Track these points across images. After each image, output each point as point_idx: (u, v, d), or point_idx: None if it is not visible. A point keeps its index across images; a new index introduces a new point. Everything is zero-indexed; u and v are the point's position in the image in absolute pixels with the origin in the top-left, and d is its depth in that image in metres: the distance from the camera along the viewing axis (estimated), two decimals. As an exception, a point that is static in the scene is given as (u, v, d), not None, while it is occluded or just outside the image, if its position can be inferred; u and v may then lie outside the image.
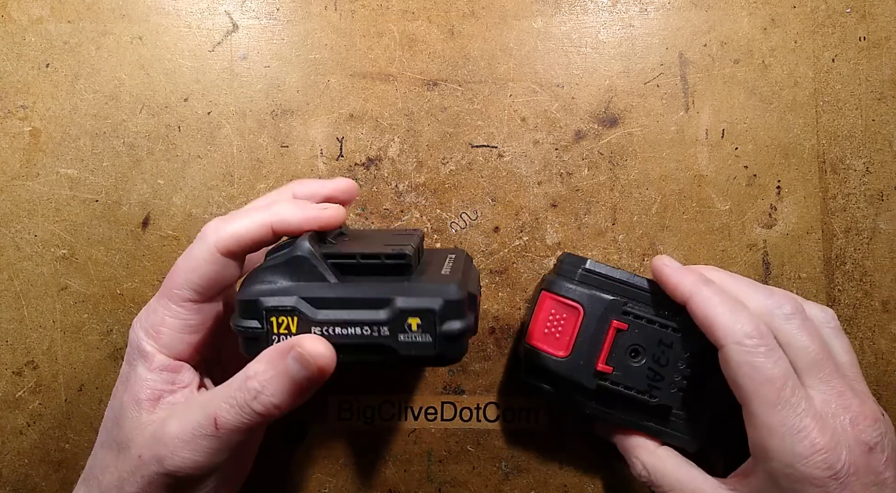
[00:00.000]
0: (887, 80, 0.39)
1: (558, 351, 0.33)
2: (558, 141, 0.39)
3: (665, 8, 0.39)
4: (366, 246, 0.28)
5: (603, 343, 0.33)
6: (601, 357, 0.33)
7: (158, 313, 0.29)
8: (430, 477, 0.38)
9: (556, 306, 0.34)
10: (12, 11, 0.39)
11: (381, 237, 0.31)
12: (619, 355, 0.33)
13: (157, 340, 0.29)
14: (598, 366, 0.33)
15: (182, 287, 0.28)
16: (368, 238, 0.30)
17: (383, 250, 0.27)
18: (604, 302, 0.33)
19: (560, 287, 0.34)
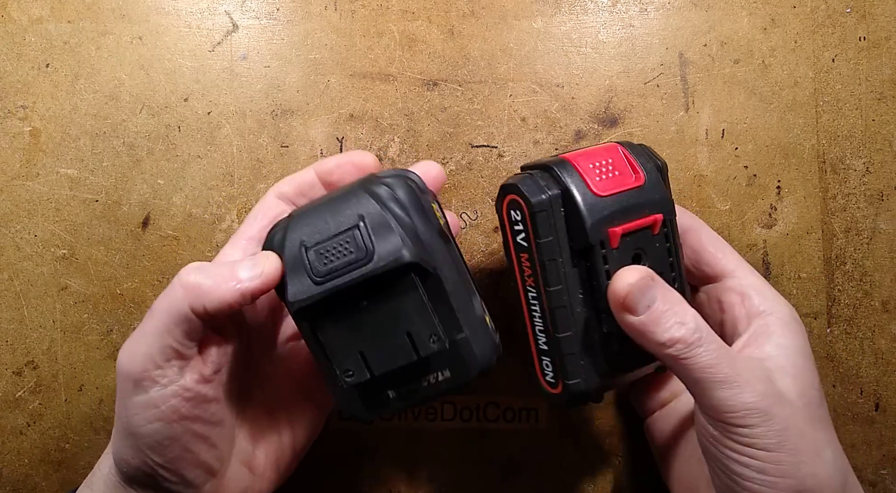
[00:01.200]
0: (887, 81, 0.39)
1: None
2: (558, 141, 0.39)
3: (665, 8, 0.39)
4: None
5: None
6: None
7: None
8: (431, 477, 0.38)
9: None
10: (12, 11, 0.39)
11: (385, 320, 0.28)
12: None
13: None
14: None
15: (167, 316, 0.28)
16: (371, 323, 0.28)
17: (339, 360, 0.28)
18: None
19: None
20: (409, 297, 0.27)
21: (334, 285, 0.27)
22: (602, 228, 0.28)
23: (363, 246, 0.27)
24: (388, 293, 0.27)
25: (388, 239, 0.27)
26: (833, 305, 0.39)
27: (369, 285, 0.27)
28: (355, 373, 0.28)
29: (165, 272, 0.38)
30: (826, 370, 0.39)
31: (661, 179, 0.30)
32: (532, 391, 0.39)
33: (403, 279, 0.27)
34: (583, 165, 0.29)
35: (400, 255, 0.27)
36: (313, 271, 0.27)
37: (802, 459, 0.26)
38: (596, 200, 0.29)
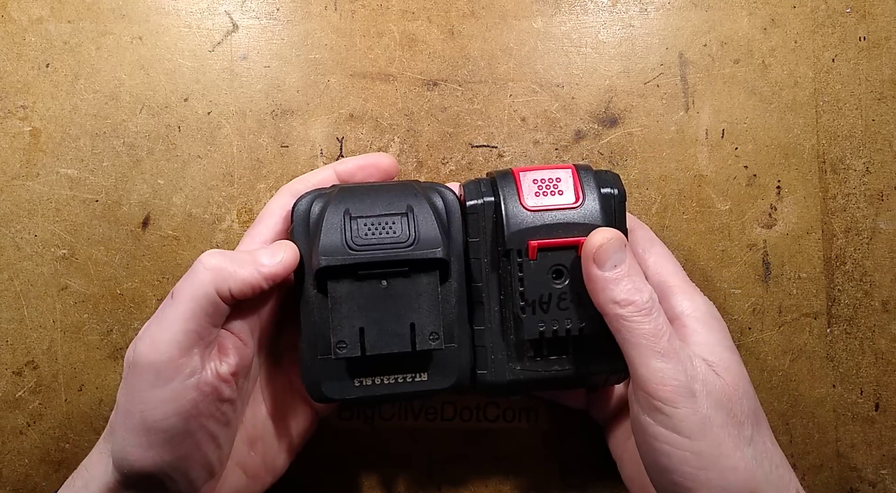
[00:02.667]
0: (887, 80, 0.39)
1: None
2: (558, 141, 0.39)
3: (665, 8, 0.39)
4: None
5: None
6: None
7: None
8: (430, 477, 0.38)
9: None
10: (12, 11, 0.39)
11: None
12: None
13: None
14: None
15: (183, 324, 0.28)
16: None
17: (340, 338, 0.29)
18: None
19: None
20: (426, 291, 0.29)
21: (370, 255, 0.29)
22: (522, 238, 0.30)
23: (407, 231, 0.29)
24: (410, 282, 0.29)
25: (429, 233, 0.29)
26: (833, 305, 0.39)
27: (397, 268, 0.29)
28: (349, 347, 0.29)
29: (165, 272, 0.38)
30: (826, 370, 0.39)
31: (606, 206, 0.31)
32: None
33: (428, 273, 0.29)
34: (525, 179, 0.31)
35: (438, 248, 0.29)
36: (352, 239, 0.29)
37: (723, 452, 0.27)
38: (522, 211, 0.31)
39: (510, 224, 0.30)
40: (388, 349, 0.29)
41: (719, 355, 0.29)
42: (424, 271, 0.29)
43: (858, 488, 0.39)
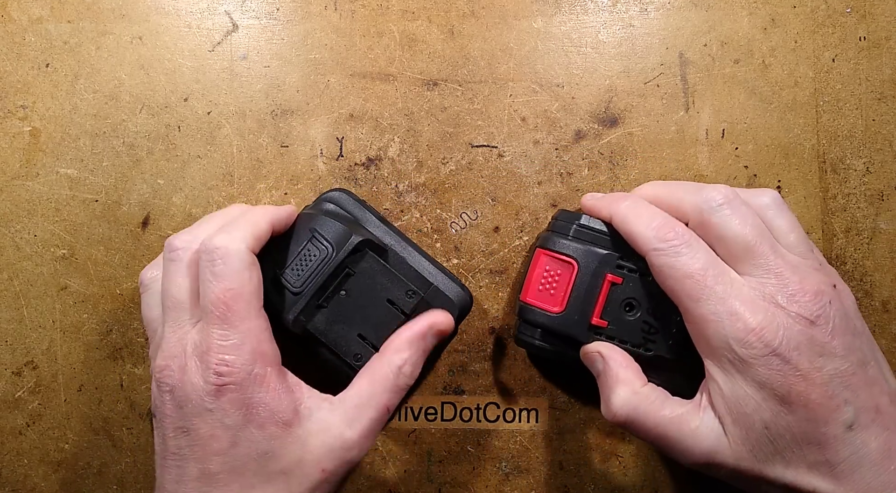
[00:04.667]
0: (887, 80, 0.39)
1: (553, 307, 0.34)
2: (558, 141, 0.39)
3: (665, 8, 0.39)
4: (343, 327, 0.33)
5: (597, 298, 0.33)
6: (596, 312, 0.33)
7: (252, 336, 0.28)
8: (430, 477, 0.38)
9: (550, 262, 0.34)
10: (12, 11, 0.39)
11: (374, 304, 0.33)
12: (614, 309, 0.33)
13: (264, 361, 0.29)
14: (593, 321, 0.33)
15: (252, 299, 0.29)
16: (361, 305, 0.33)
17: (345, 354, 0.33)
18: (598, 257, 0.33)
19: (554, 243, 0.34)
20: (375, 271, 0.33)
21: (314, 284, 0.31)
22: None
23: (323, 247, 0.32)
24: (358, 277, 0.32)
25: (338, 233, 0.32)
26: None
27: (340, 276, 0.32)
28: (362, 354, 0.32)
29: (165, 272, 0.38)
30: (826, 370, 0.39)
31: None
32: (532, 391, 0.39)
33: (365, 258, 0.33)
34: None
35: (351, 238, 0.32)
36: (293, 286, 0.32)
37: None
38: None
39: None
40: (389, 331, 0.32)
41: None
42: (360, 261, 0.32)
43: (859, 488, 0.39)
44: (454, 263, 0.39)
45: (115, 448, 0.38)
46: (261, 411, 0.28)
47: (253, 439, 0.28)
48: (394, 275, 0.33)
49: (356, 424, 0.30)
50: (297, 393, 0.30)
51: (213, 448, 0.28)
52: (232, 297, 0.28)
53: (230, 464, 0.28)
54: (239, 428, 0.28)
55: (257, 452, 0.28)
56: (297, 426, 0.29)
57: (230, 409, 0.28)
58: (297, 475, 0.28)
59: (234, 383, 0.28)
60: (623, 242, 0.34)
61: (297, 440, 0.29)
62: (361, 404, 0.30)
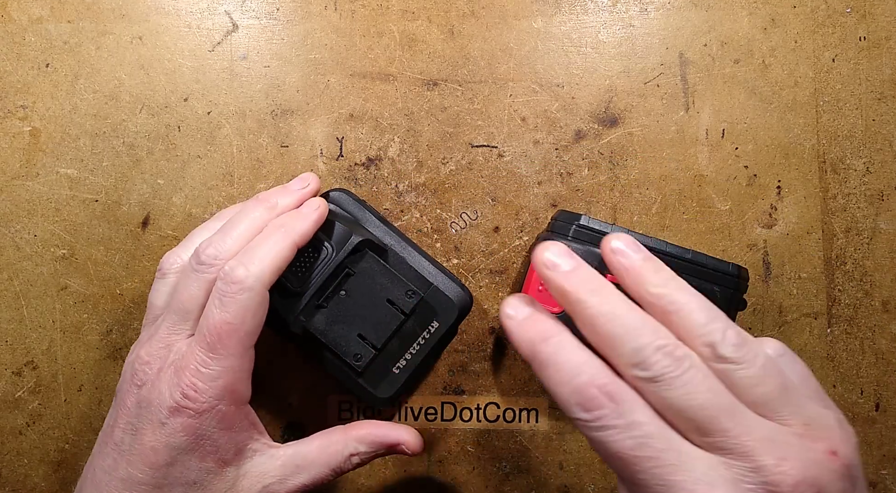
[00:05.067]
0: (887, 80, 0.39)
1: (552, 307, 0.34)
2: (558, 141, 0.39)
3: (665, 8, 0.39)
4: (343, 327, 0.33)
5: None
6: None
7: (230, 373, 0.28)
8: (431, 477, 0.38)
9: None
10: (12, 11, 0.39)
11: (373, 303, 0.33)
12: None
13: (234, 400, 0.29)
14: None
15: (248, 338, 0.29)
16: (361, 305, 0.33)
17: (345, 354, 0.33)
18: (597, 257, 0.33)
19: None
20: (374, 271, 0.33)
21: (314, 284, 0.32)
22: None
23: (323, 247, 0.32)
24: (358, 277, 0.32)
25: (338, 233, 0.32)
26: (833, 305, 0.39)
27: (340, 276, 0.32)
28: (362, 354, 0.32)
29: (165, 272, 0.38)
30: (826, 370, 0.39)
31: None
32: (532, 391, 0.39)
33: (364, 259, 0.33)
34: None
35: (351, 238, 0.32)
36: (293, 287, 0.32)
37: None
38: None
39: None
40: (389, 330, 0.32)
41: None
42: (360, 261, 0.33)
43: (859, 488, 0.39)
44: (454, 263, 0.39)
45: (115, 448, 0.38)
46: (207, 444, 0.28)
47: (189, 466, 0.28)
48: (393, 275, 0.33)
49: (288, 482, 0.30)
50: (247, 434, 0.30)
51: (149, 460, 0.28)
52: (227, 331, 0.28)
53: (159, 481, 0.28)
54: (180, 452, 0.28)
55: (188, 479, 0.28)
56: (234, 466, 0.30)
57: (180, 432, 0.28)
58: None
59: (194, 411, 0.28)
60: None
61: (228, 479, 0.29)
62: (300, 467, 0.31)
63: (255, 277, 0.28)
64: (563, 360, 0.24)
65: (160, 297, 0.32)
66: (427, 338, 0.33)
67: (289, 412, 0.38)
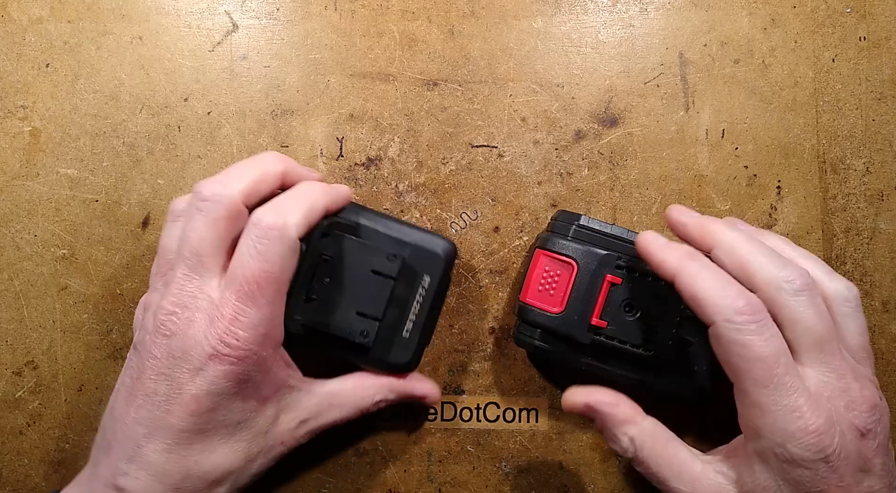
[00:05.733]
0: (887, 80, 0.39)
1: (552, 307, 0.34)
2: (558, 141, 0.39)
3: (665, 8, 0.39)
4: (339, 311, 0.32)
5: (597, 298, 0.33)
6: (595, 312, 0.33)
7: (267, 321, 0.29)
8: (430, 477, 0.38)
9: (549, 262, 0.34)
10: (12, 11, 0.39)
11: (363, 270, 0.33)
12: (613, 310, 0.33)
13: (271, 344, 0.30)
14: (593, 321, 0.33)
15: (282, 285, 0.29)
16: (349, 284, 0.33)
17: (350, 334, 0.32)
18: (597, 257, 0.33)
19: (554, 244, 0.34)
20: (350, 249, 0.32)
21: (296, 282, 0.31)
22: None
23: None
24: (336, 260, 0.32)
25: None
26: (833, 305, 0.39)
27: (319, 265, 0.32)
28: (367, 329, 0.32)
29: (165, 272, 0.38)
30: (826, 370, 0.39)
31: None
32: (532, 391, 0.39)
33: (337, 241, 0.32)
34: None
35: (319, 225, 0.31)
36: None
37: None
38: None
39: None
40: (385, 298, 0.32)
41: None
42: (334, 244, 0.32)
43: (858, 488, 0.39)
44: (454, 263, 0.39)
45: (115, 448, 0.38)
46: (249, 387, 0.29)
47: (233, 409, 0.29)
48: (369, 246, 0.32)
49: (321, 418, 0.32)
50: (285, 372, 0.31)
51: (190, 408, 0.28)
52: (266, 279, 0.28)
53: (201, 426, 0.28)
54: (223, 397, 0.28)
55: (231, 420, 0.29)
56: (273, 402, 0.31)
57: (221, 379, 0.28)
58: (259, 445, 0.31)
59: (235, 358, 0.28)
60: (622, 243, 0.34)
61: (269, 415, 0.31)
62: (333, 405, 0.33)
63: (292, 225, 0.28)
64: (715, 271, 0.28)
65: (173, 239, 0.31)
66: (424, 294, 0.33)
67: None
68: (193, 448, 0.28)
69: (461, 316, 0.38)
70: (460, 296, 0.39)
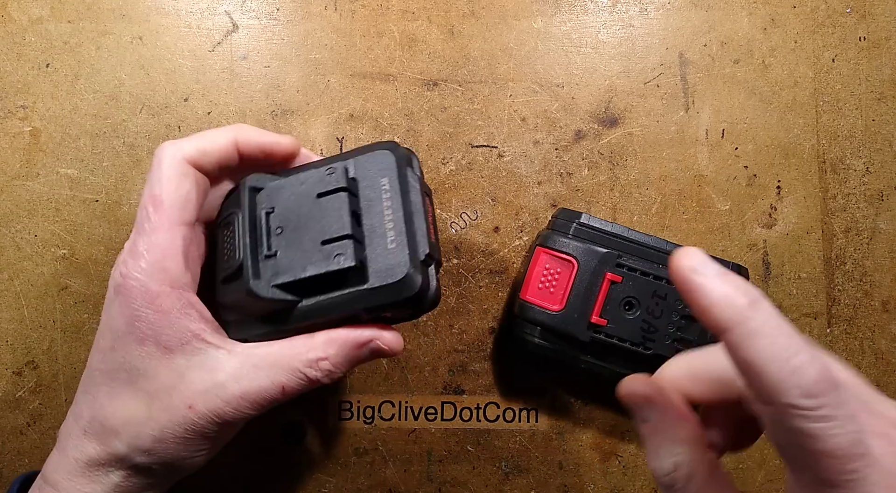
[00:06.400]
0: (887, 80, 0.39)
1: (552, 305, 0.34)
2: (558, 141, 0.39)
3: (665, 8, 0.39)
4: (306, 252, 0.27)
5: (597, 296, 0.33)
6: (595, 310, 0.33)
7: (154, 249, 0.27)
8: (430, 477, 0.38)
9: (550, 260, 0.34)
10: (12, 11, 0.39)
11: (315, 214, 0.28)
12: (613, 308, 0.33)
13: (164, 279, 0.27)
14: (593, 319, 0.33)
15: (171, 210, 0.28)
16: (303, 223, 0.28)
17: (327, 264, 0.27)
18: (598, 255, 0.33)
19: (554, 242, 0.34)
20: (283, 188, 0.29)
21: (247, 246, 0.28)
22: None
23: (230, 219, 0.29)
24: (276, 208, 0.28)
25: (231, 199, 0.30)
26: (833, 305, 0.39)
27: (261, 221, 0.28)
28: (341, 250, 0.27)
29: (165, 272, 0.38)
30: (826, 370, 0.39)
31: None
32: (532, 391, 0.39)
33: (268, 190, 0.29)
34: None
35: (240, 186, 0.29)
36: (233, 267, 0.28)
37: None
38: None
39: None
40: (345, 213, 0.27)
41: None
42: (267, 196, 0.29)
43: (858, 488, 0.39)
44: (454, 263, 0.39)
45: (115, 448, 0.38)
46: (142, 327, 0.27)
47: (129, 350, 0.28)
48: (303, 176, 0.29)
49: (243, 382, 0.27)
50: (196, 325, 0.28)
51: (99, 344, 0.29)
52: (153, 203, 0.28)
53: (106, 366, 0.28)
54: (120, 335, 0.28)
55: (130, 365, 0.28)
56: (180, 356, 0.28)
57: (117, 314, 0.28)
58: (162, 401, 0.27)
59: (125, 290, 0.27)
60: (622, 242, 0.34)
61: (174, 368, 0.27)
62: (258, 366, 0.27)
63: (178, 147, 0.28)
64: (778, 332, 0.20)
65: None
66: (391, 197, 0.28)
67: (288, 411, 0.38)
68: (101, 390, 0.28)
69: (461, 316, 0.38)
70: (460, 296, 0.39)
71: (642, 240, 0.34)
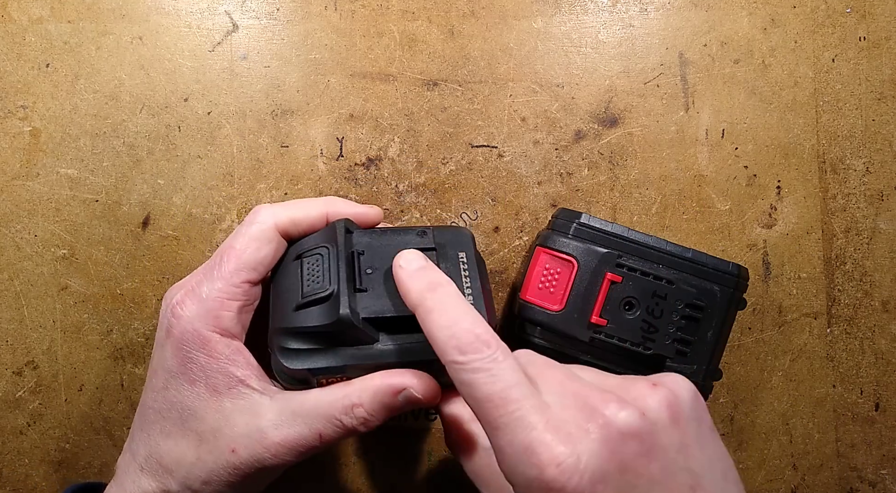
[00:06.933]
0: (887, 80, 0.39)
1: (552, 305, 0.34)
2: (558, 141, 0.39)
3: (665, 8, 0.39)
4: (392, 295, 0.29)
5: (597, 296, 0.33)
6: (595, 310, 0.33)
7: (214, 297, 0.29)
8: (430, 477, 0.38)
9: (550, 260, 0.34)
10: (12, 11, 0.39)
11: None
12: (613, 308, 0.33)
13: (217, 325, 0.29)
14: (592, 319, 0.33)
15: (243, 268, 0.29)
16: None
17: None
18: (598, 255, 0.33)
19: (554, 242, 0.34)
20: (378, 238, 0.31)
21: (340, 278, 0.29)
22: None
23: (318, 253, 0.31)
24: (368, 251, 0.31)
25: (322, 234, 0.31)
26: (833, 305, 0.39)
27: (355, 259, 0.30)
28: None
29: (165, 272, 0.38)
30: (826, 370, 0.39)
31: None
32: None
33: (360, 235, 0.31)
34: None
35: (335, 225, 0.31)
36: (322, 294, 0.29)
37: None
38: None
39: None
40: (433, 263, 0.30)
41: None
42: (359, 238, 0.31)
43: (858, 488, 0.39)
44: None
45: (115, 448, 0.38)
46: (195, 369, 0.29)
47: (181, 390, 0.29)
48: (396, 232, 0.31)
49: (282, 429, 0.28)
50: (244, 371, 0.29)
51: (153, 383, 0.30)
52: (229, 255, 0.29)
53: (159, 404, 0.29)
54: (173, 375, 0.29)
55: (182, 404, 0.29)
56: (227, 399, 0.29)
57: (171, 353, 0.29)
58: (209, 443, 0.29)
59: (179, 333, 0.29)
60: (622, 242, 0.34)
61: (221, 410, 0.29)
62: (296, 413, 0.28)
63: (269, 213, 0.30)
64: (449, 307, 0.26)
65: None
66: (467, 268, 0.31)
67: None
68: (155, 428, 0.29)
69: (461, 316, 0.38)
70: (460, 296, 0.38)
71: (642, 240, 0.34)
